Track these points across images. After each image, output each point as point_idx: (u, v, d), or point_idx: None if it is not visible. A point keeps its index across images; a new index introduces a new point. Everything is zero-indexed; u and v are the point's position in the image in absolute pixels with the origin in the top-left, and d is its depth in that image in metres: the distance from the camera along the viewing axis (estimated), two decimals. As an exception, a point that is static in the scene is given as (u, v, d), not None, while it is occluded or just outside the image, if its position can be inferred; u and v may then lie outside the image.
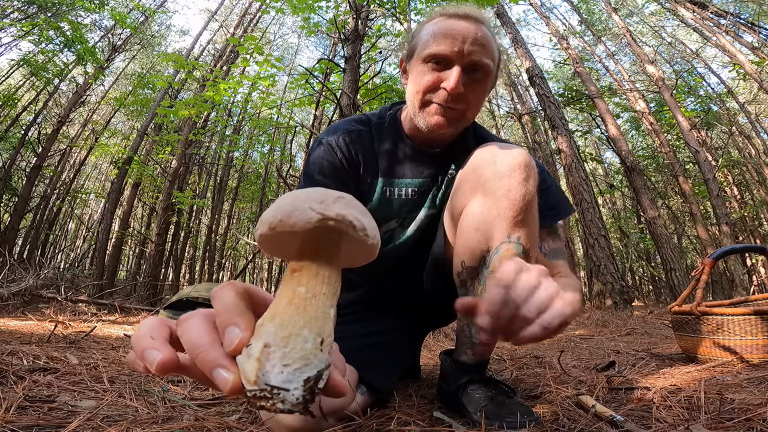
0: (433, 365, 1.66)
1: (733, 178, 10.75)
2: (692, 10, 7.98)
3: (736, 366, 1.29)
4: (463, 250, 0.87)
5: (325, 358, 0.32)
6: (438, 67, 0.91)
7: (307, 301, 0.32)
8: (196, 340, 0.32)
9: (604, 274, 5.41)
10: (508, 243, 0.81)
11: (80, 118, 11.46)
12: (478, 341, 0.91)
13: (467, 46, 0.88)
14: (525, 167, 0.82)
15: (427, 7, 5.13)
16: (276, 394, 0.30)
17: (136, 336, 0.34)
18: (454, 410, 0.90)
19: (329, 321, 0.33)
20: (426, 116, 0.94)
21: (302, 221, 0.32)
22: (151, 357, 0.32)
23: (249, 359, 0.31)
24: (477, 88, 0.93)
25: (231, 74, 8.28)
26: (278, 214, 0.33)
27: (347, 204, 0.34)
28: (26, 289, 3.62)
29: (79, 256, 12.78)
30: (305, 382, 0.30)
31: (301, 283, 0.33)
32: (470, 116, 0.96)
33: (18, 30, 7.17)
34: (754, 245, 1.69)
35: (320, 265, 0.34)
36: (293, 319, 0.32)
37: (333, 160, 0.99)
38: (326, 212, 0.32)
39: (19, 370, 0.98)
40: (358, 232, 0.33)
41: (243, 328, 0.32)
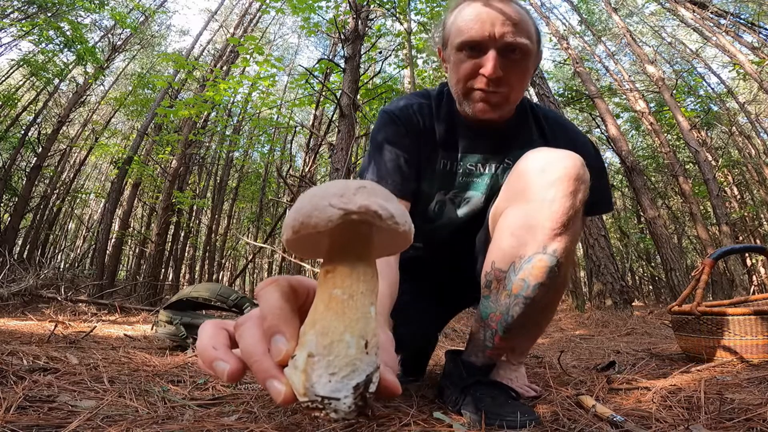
0: (433, 365, 1.66)
1: (733, 178, 10.75)
2: (692, 10, 7.97)
3: (736, 366, 1.29)
4: (497, 252, 0.87)
5: (373, 360, 0.31)
6: (473, 54, 0.89)
7: (344, 303, 0.31)
8: (249, 349, 0.32)
9: (604, 274, 5.41)
10: (543, 254, 0.80)
11: (80, 118, 11.46)
12: (492, 345, 0.90)
13: (498, 28, 0.85)
14: (575, 180, 0.79)
15: (427, 7, 5.13)
16: (327, 404, 0.29)
17: (201, 347, 0.35)
18: (456, 410, 0.90)
19: (371, 321, 0.32)
20: (470, 104, 0.93)
21: (324, 220, 0.30)
22: (220, 369, 0.33)
23: (296, 371, 0.30)
24: (517, 69, 0.89)
25: (231, 74, 8.28)
26: (299, 216, 0.31)
27: (369, 192, 0.32)
28: (26, 289, 3.62)
29: (79, 256, 12.78)
30: (355, 389, 0.29)
31: (336, 284, 0.32)
32: (514, 99, 0.94)
33: (18, 30, 7.17)
34: (754, 245, 1.69)
35: (353, 263, 0.33)
36: (333, 325, 0.30)
37: (397, 130, 1.00)
38: (347, 206, 0.30)
39: (19, 370, 0.98)
40: (386, 221, 0.31)
41: (288, 337, 0.32)
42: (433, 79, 6.28)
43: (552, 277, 0.82)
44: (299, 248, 0.36)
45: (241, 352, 0.33)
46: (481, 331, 0.91)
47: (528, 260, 0.81)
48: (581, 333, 3.17)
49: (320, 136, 6.64)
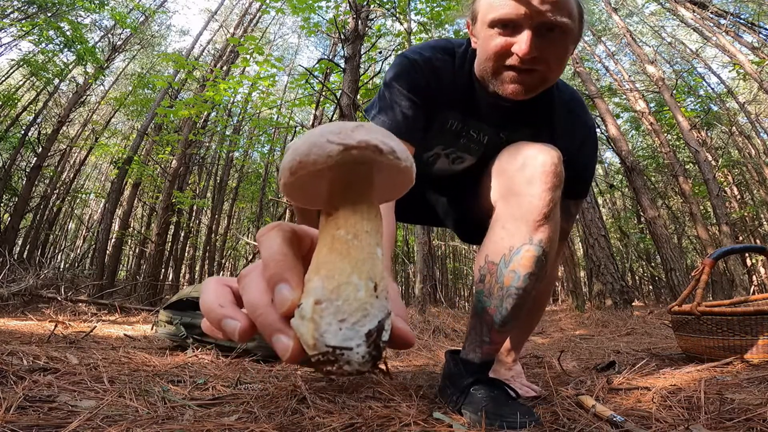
0: (433, 365, 1.66)
1: (733, 178, 10.74)
2: (692, 10, 7.97)
3: (736, 366, 1.29)
4: (489, 245, 0.92)
5: (384, 305, 0.28)
6: (506, 32, 0.82)
7: (349, 243, 0.29)
8: (253, 302, 0.30)
9: (604, 274, 5.41)
10: (530, 244, 0.86)
11: (80, 118, 11.46)
12: (489, 340, 0.92)
13: (536, 5, 0.78)
14: (552, 175, 0.86)
15: (427, 7, 5.13)
16: (340, 356, 0.27)
17: (206, 305, 0.32)
18: (457, 410, 0.90)
19: (378, 262, 0.29)
20: (500, 84, 0.88)
21: (323, 156, 0.28)
22: (230, 327, 0.30)
23: (303, 321, 0.28)
24: (555, 47, 0.83)
25: (231, 74, 8.28)
26: (296, 156, 0.29)
27: (368, 130, 0.30)
28: (26, 289, 3.62)
29: (79, 256, 12.78)
30: (367, 336, 0.27)
31: (339, 225, 0.30)
32: (552, 79, 0.88)
33: (18, 30, 7.17)
34: (754, 245, 1.69)
35: (355, 203, 0.31)
36: (338, 267, 0.28)
37: (415, 78, 0.97)
38: (346, 141, 0.28)
39: (19, 370, 0.98)
40: (386, 155, 0.29)
41: (293, 285, 0.29)
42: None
43: (540, 266, 0.87)
44: (297, 194, 0.34)
45: (246, 306, 0.31)
46: (477, 326, 0.93)
47: (517, 251, 0.87)
48: (581, 333, 3.17)
49: (320, 136, 6.63)
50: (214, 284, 0.34)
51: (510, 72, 0.85)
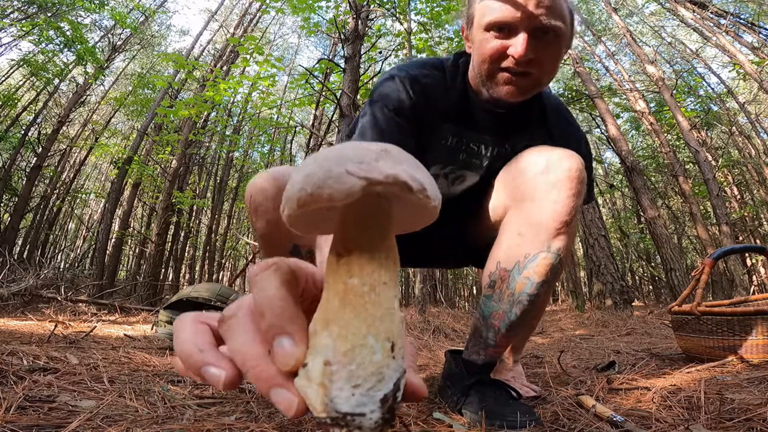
0: (433, 365, 1.66)
1: (733, 178, 10.74)
2: (692, 10, 7.97)
3: (736, 366, 1.29)
4: (502, 252, 0.88)
5: (400, 365, 0.26)
6: (501, 35, 0.84)
7: (365, 297, 0.25)
8: (244, 351, 0.26)
9: (604, 274, 5.41)
10: (547, 252, 0.83)
11: (80, 118, 11.46)
12: (495, 343, 0.90)
13: (531, 8, 0.80)
14: (577, 181, 0.83)
15: (427, 7, 5.13)
16: (351, 421, 0.24)
17: (182, 349, 0.28)
18: (457, 410, 0.90)
19: (396, 318, 0.26)
20: (495, 87, 0.88)
21: (341, 192, 0.23)
22: (213, 377, 0.27)
23: (310, 384, 0.25)
24: (549, 51, 0.85)
25: (231, 74, 8.28)
26: (307, 186, 0.24)
27: (395, 159, 0.25)
28: (26, 289, 3.62)
29: (79, 256, 12.78)
30: (382, 402, 0.25)
31: (353, 272, 0.26)
32: (546, 82, 0.90)
33: (18, 30, 7.17)
34: (754, 245, 1.69)
35: (372, 246, 0.26)
36: (353, 326, 0.25)
37: (401, 98, 0.93)
38: (371, 174, 0.24)
39: (19, 370, 0.98)
40: (416, 194, 0.25)
41: (297, 340, 0.26)
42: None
43: (554, 274, 0.85)
44: (302, 225, 0.30)
45: (231, 353, 0.27)
46: (483, 329, 0.91)
47: (533, 259, 0.84)
48: (581, 333, 3.17)
49: (320, 136, 6.65)
50: (190, 323, 0.30)
51: (505, 74, 0.86)
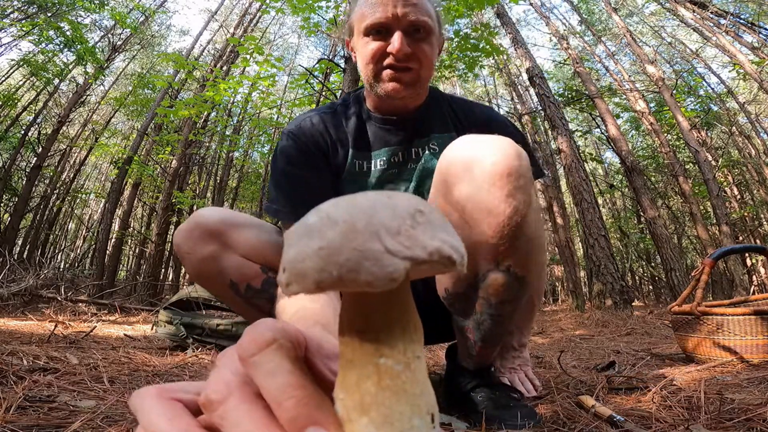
0: (432, 365, 1.66)
1: (733, 178, 10.74)
2: (692, 10, 7.98)
3: (736, 366, 1.30)
4: (445, 277, 0.80)
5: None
6: (379, 37, 0.92)
7: (401, 376, 0.23)
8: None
9: (604, 274, 5.41)
10: (496, 272, 0.72)
11: (80, 118, 11.46)
12: (476, 353, 0.88)
13: (400, 8, 0.89)
14: (510, 176, 0.65)
15: (427, 7, 5.13)
16: None
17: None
18: (460, 411, 0.90)
19: (431, 389, 0.24)
20: (381, 85, 0.94)
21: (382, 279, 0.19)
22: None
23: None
24: (423, 46, 0.93)
25: (231, 74, 8.29)
26: (331, 266, 0.20)
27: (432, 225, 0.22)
28: (26, 289, 3.62)
29: (79, 256, 12.79)
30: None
31: (383, 353, 0.23)
32: (425, 75, 0.96)
33: (18, 30, 7.17)
34: (754, 245, 1.69)
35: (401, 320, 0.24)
36: (396, 410, 0.22)
37: (300, 147, 0.97)
38: (416, 254, 0.20)
39: (19, 370, 0.98)
40: (457, 266, 0.22)
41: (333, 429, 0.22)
42: (434, 79, 6.28)
43: (515, 292, 0.75)
44: None
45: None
46: (461, 341, 0.89)
47: (482, 279, 0.74)
48: (581, 333, 3.17)
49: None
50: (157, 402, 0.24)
51: (388, 71, 0.92)
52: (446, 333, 1.06)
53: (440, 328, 1.04)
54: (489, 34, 5.12)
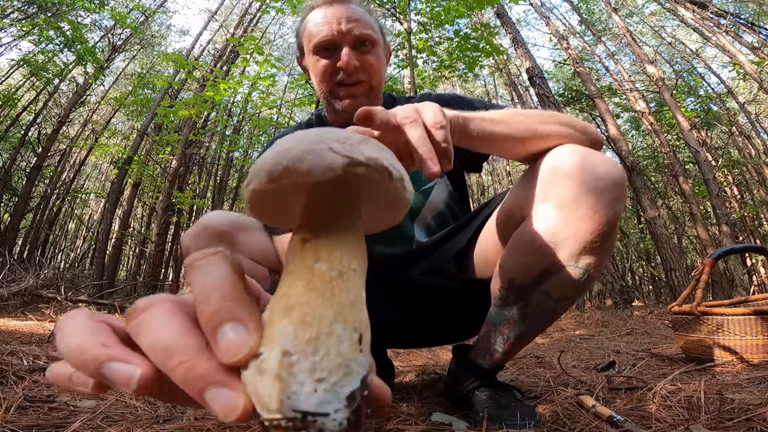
0: (433, 365, 1.66)
1: (733, 178, 10.75)
2: (692, 10, 7.98)
3: (736, 366, 1.30)
4: (516, 266, 0.79)
5: (367, 360, 0.23)
6: (327, 54, 0.97)
7: (332, 282, 0.23)
8: (170, 343, 0.21)
9: (604, 274, 5.40)
10: (574, 267, 0.73)
11: (80, 118, 11.46)
12: (502, 349, 0.86)
13: (344, 25, 0.94)
14: (618, 185, 0.71)
15: (427, 7, 5.13)
16: (311, 423, 0.20)
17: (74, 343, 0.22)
18: (461, 410, 0.90)
19: (364, 307, 0.24)
20: (338, 102, 0.99)
21: (320, 167, 0.22)
22: (122, 375, 0.21)
23: (263, 377, 0.21)
24: (370, 57, 0.98)
25: (231, 74, 8.29)
26: (283, 159, 0.23)
27: (376, 146, 0.25)
28: (26, 289, 3.62)
29: (79, 256, 12.79)
30: (349, 400, 0.21)
31: (320, 257, 0.24)
32: (376, 84, 1.01)
33: (18, 30, 7.17)
34: (754, 245, 1.69)
35: (343, 231, 0.25)
36: (319, 312, 0.22)
37: None
38: (353, 154, 0.23)
39: (19, 370, 0.98)
40: (395, 182, 0.25)
41: (250, 327, 0.22)
42: (434, 79, 6.28)
43: (578, 291, 0.77)
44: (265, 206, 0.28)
45: (148, 349, 0.22)
46: (492, 335, 0.87)
47: (556, 273, 0.74)
48: (581, 333, 3.17)
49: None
50: (84, 317, 0.24)
51: (341, 88, 0.98)
52: (460, 332, 1.09)
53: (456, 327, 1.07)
54: (489, 34, 5.12)
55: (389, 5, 5.12)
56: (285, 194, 0.27)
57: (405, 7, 5.08)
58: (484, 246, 0.92)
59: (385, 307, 1.01)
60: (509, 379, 1.27)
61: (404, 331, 1.10)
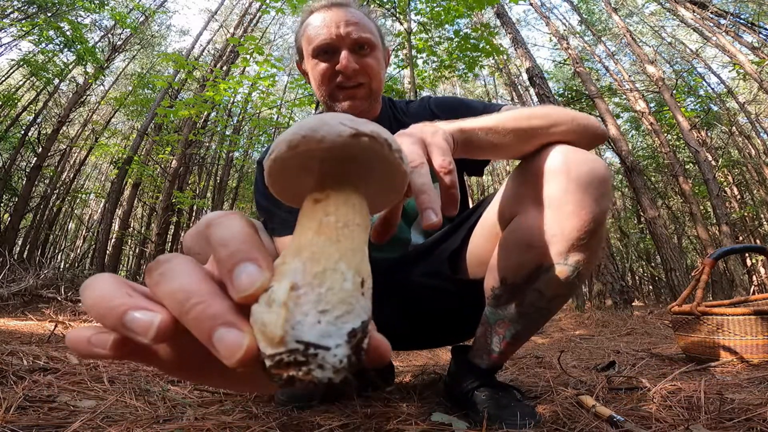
0: (433, 365, 1.66)
1: (733, 178, 10.74)
2: (692, 10, 7.98)
3: (736, 366, 1.30)
4: (508, 265, 0.80)
5: (368, 306, 0.24)
6: (327, 57, 0.97)
7: (339, 231, 0.25)
8: (189, 288, 0.23)
9: (604, 274, 5.41)
10: (563, 264, 0.74)
11: (80, 118, 11.46)
12: (498, 349, 0.86)
13: (343, 28, 0.95)
14: (603, 182, 0.73)
15: (427, 7, 5.13)
16: (312, 356, 0.21)
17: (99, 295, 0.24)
18: (461, 410, 0.90)
19: (366, 258, 0.26)
20: (338, 105, 0.99)
21: (332, 134, 0.27)
22: (142, 324, 0.22)
23: (271, 308, 0.22)
24: (369, 60, 0.98)
25: (231, 74, 8.29)
26: (301, 131, 0.27)
27: (379, 127, 0.30)
28: (26, 289, 3.62)
29: (79, 256, 12.78)
30: (350, 336, 0.22)
31: (329, 212, 0.26)
32: (376, 87, 1.01)
33: (18, 30, 7.17)
34: (754, 245, 1.69)
35: (349, 192, 0.28)
36: (326, 251, 0.24)
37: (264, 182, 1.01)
38: (359, 127, 0.28)
39: (19, 370, 0.98)
40: (394, 152, 0.29)
41: (264, 266, 0.23)
42: (434, 79, 6.28)
43: (570, 288, 0.78)
44: (284, 175, 0.31)
45: (167, 297, 0.23)
46: (488, 335, 0.88)
47: (546, 271, 0.76)
48: (581, 333, 3.17)
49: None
50: (109, 276, 0.25)
51: (341, 91, 0.98)
52: (458, 334, 1.09)
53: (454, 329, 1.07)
54: (489, 34, 5.12)
55: (389, 5, 5.12)
56: (303, 163, 0.30)
57: (405, 7, 5.08)
58: (476, 246, 0.92)
59: (383, 309, 1.01)
60: (509, 379, 1.27)
61: (403, 333, 1.10)
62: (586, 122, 0.81)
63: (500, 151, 0.76)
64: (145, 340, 0.22)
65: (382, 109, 1.09)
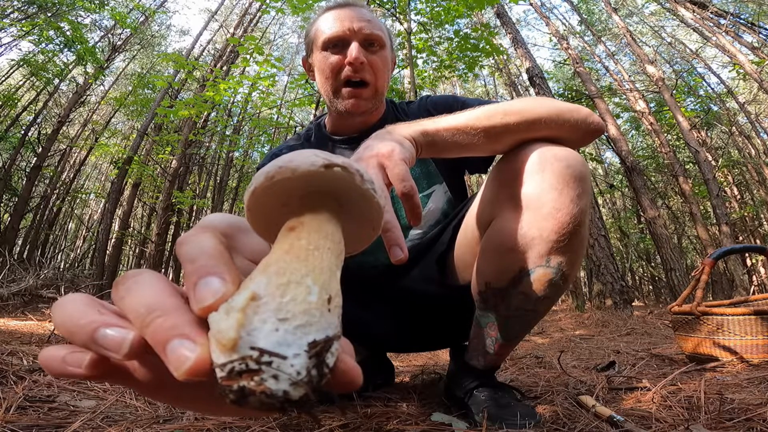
0: (432, 365, 1.66)
1: (733, 178, 10.74)
2: (692, 10, 7.98)
3: (736, 366, 1.29)
4: (490, 270, 0.79)
5: (336, 323, 0.23)
6: (337, 50, 0.98)
7: (309, 252, 0.25)
8: (150, 302, 0.22)
9: (604, 274, 5.40)
10: (546, 267, 0.73)
11: (80, 118, 11.46)
12: (493, 351, 0.86)
13: (356, 23, 0.97)
14: (580, 180, 0.70)
15: (427, 7, 5.13)
16: (266, 364, 0.19)
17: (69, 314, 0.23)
18: (461, 410, 0.90)
19: (336, 279, 0.25)
20: (342, 102, 0.99)
21: (305, 164, 0.27)
22: (114, 341, 0.22)
23: (227, 315, 0.21)
24: (377, 58, 0.99)
25: (231, 74, 8.29)
26: (277, 162, 0.28)
27: (351, 161, 0.31)
28: (26, 289, 3.62)
29: (79, 256, 12.79)
30: (310, 347, 0.20)
31: (301, 236, 0.26)
32: (380, 86, 1.02)
33: (18, 30, 7.17)
34: (754, 245, 1.69)
35: (323, 221, 0.28)
36: (293, 266, 0.23)
37: None
38: (331, 159, 0.28)
39: (19, 370, 0.98)
40: (365, 183, 0.29)
41: (228, 279, 0.23)
42: (433, 79, 6.28)
43: (556, 290, 0.76)
44: (262, 208, 0.31)
45: (131, 310, 0.23)
46: (481, 338, 0.87)
47: (529, 273, 0.74)
48: (581, 333, 3.17)
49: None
50: (80, 295, 0.25)
51: (346, 88, 0.98)
52: (454, 337, 1.08)
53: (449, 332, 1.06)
54: (489, 34, 5.12)
55: (389, 5, 5.12)
56: (281, 205, 0.30)
57: (405, 7, 5.08)
58: (461, 251, 0.92)
59: (379, 314, 1.03)
60: (509, 379, 1.27)
61: (401, 337, 1.10)
62: (576, 116, 0.76)
63: (470, 151, 0.74)
64: (118, 357, 0.22)
65: (385, 110, 1.10)
